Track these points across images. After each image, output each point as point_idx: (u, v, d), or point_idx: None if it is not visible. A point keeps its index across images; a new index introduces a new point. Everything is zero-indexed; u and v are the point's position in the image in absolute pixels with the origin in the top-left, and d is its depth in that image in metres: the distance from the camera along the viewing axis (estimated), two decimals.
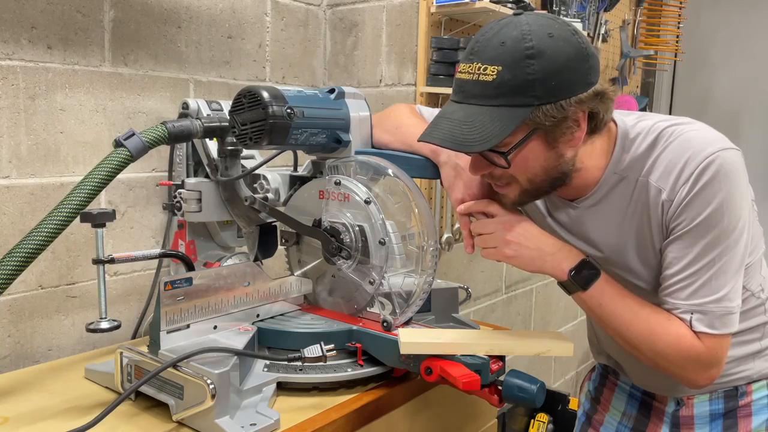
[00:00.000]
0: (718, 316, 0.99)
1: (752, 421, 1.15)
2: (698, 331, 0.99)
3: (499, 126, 0.93)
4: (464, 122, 0.95)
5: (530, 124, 0.95)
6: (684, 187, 0.98)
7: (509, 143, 0.95)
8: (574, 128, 0.97)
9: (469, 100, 0.96)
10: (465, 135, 0.94)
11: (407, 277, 1.15)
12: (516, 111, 0.93)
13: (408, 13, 1.84)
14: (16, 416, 1.01)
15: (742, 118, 3.20)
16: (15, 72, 1.28)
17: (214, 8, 1.64)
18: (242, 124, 1.11)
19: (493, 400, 1.04)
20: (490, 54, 0.93)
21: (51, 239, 1.02)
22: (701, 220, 0.97)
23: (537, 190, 1.04)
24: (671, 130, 1.02)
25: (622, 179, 1.05)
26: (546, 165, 1.00)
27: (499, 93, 0.93)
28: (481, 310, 2.30)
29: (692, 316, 0.99)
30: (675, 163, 0.99)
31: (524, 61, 0.91)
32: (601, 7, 2.52)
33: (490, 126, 0.93)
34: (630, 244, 1.07)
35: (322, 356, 1.04)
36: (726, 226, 0.97)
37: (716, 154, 0.97)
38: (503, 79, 0.92)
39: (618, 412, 1.32)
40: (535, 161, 0.99)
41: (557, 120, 0.94)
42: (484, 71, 0.94)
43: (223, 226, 1.42)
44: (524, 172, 1.00)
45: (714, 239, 0.98)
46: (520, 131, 0.95)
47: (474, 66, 0.95)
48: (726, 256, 0.98)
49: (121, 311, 1.49)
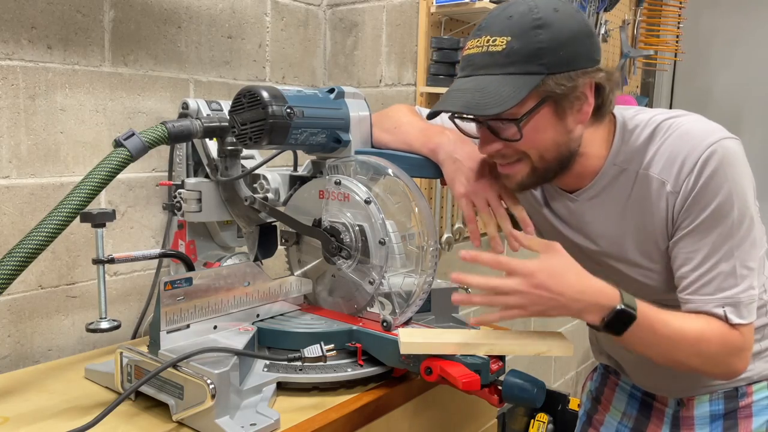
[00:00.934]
0: (746, 305, 0.99)
1: (752, 422, 1.14)
2: (734, 324, 0.98)
3: (512, 91, 0.94)
4: (476, 90, 0.96)
5: (541, 92, 0.96)
6: (689, 178, 0.98)
7: (520, 112, 0.96)
8: (582, 101, 0.99)
9: (478, 71, 0.97)
10: (478, 101, 0.95)
11: (407, 277, 1.15)
12: (527, 78, 0.95)
13: (408, 13, 1.84)
14: (16, 416, 1.01)
15: (742, 118, 3.20)
16: (15, 72, 1.28)
17: (214, 8, 1.64)
18: (242, 124, 1.11)
19: (493, 400, 1.04)
20: (499, 27, 0.96)
21: (51, 239, 1.02)
22: (711, 212, 0.97)
23: (546, 170, 1.02)
24: (669, 122, 1.02)
25: (622, 171, 1.05)
26: (556, 139, 1.00)
27: (509, 62, 0.95)
28: (481, 310, 2.30)
29: (725, 309, 0.99)
30: (676, 154, 1.00)
31: (533, 31, 0.94)
32: (601, 7, 2.52)
33: (502, 91, 0.94)
34: (629, 237, 1.07)
35: (322, 356, 1.04)
36: (737, 215, 0.97)
37: (717, 143, 0.97)
38: (513, 48, 0.94)
39: (618, 412, 1.32)
40: (546, 133, 0.99)
41: (567, 90, 0.96)
42: (494, 42, 0.96)
43: (223, 226, 1.42)
44: (535, 146, 0.99)
45: (727, 229, 0.98)
46: (530, 99, 0.96)
47: (483, 40, 0.97)
48: (743, 244, 0.98)
49: (121, 311, 1.49)
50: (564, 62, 0.95)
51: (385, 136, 1.25)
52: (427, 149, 1.17)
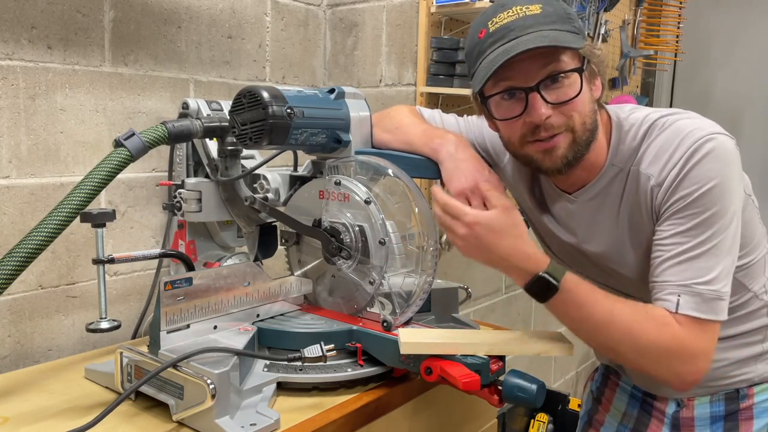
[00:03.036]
0: (707, 300, 0.95)
1: (753, 424, 1.14)
2: (684, 314, 0.94)
3: (572, 37, 0.97)
4: (541, 36, 0.96)
5: (582, 52, 0.99)
6: (674, 169, 0.97)
7: (574, 65, 0.98)
8: (595, 74, 1.03)
9: (525, 31, 0.97)
10: (552, 40, 0.96)
11: (407, 277, 1.15)
12: (573, 34, 0.98)
13: (408, 13, 1.84)
14: (16, 416, 1.01)
15: (742, 118, 3.19)
16: (15, 72, 1.28)
17: (214, 8, 1.64)
18: (242, 124, 1.11)
19: (493, 400, 1.04)
20: (523, 0, 0.99)
21: (51, 239, 1.02)
22: (692, 200, 0.96)
23: (583, 143, 1.02)
24: (663, 120, 1.02)
25: (619, 171, 1.05)
26: (591, 106, 1.02)
27: (551, 20, 0.97)
28: (481, 310, 2.30)
29: (680, 298, 0.95)
30: (665, 149, 0.99)
31: (557, 1, 0.99)
32: (601, 7, 2.52)
33: (566, 37, 0.97)
34: (626, 239, 1.07)
35: (322, 356, 1.04)
36: (719, 209, 0.95)
37: (709, 136, 0.96)
38: (548, 11, 0.98)
39: (619, 413, 1.32)
40: (587, 97, 1.01)
41: (594, 56, 1.00)
42: (528, 9, 0.98)
43: (223, 226, 1.42)
44: (582, 108, 1.00)
45: (706, 219, 0.95)
46: (576, 55, 0.99)
47: (514, 9, 0.99)
48: (717, 238, 0.95)
49: (121, 311, 1.49)
50: (582, 33, 0.99)
51: (386, 136, 1.25)
52: (428, 149, 1.17)
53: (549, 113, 0.99)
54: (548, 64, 0.97)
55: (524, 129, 1.02)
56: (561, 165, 1.03)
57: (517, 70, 0.98)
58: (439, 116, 1.31)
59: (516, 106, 1.01)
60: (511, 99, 1.01)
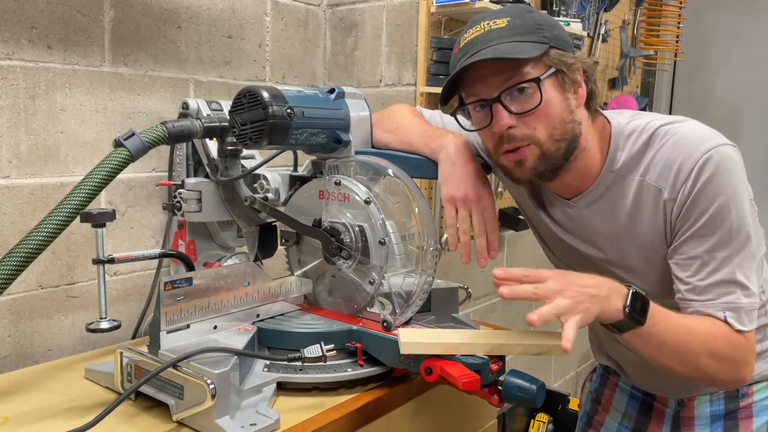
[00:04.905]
0: (747, 312, 0.99)
1: (753, 422, 1.14)
2: (737, 329, 0.98)
3: (530, 47, 0.99)
4: (496, 49, 0.98)
5: (547, 62, 1.00)
6: (686, 184, 0.98)
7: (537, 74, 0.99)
8: (577, 82, 1.02)
9: (487, 44, 0.99)
10: (504, 51, 0.98)
11: (407, 277, 1.15)
12: (536, 44, 0.99)
13: (408, 13, 1.84)
14: (16, 416, 1.01)
15: (742, 118, 3.20)
16: (15, 72, 1.28)
17: (214, 8, 1.64)
18: (242, 124, 1.11)
19: (493, 400, 1.04)
20: (494, 15, 1.02)
21: (51, 239, 1.02)
22: (709, 217, 0.97)
23: (555, 153, 1.01)
24: (665, 129, 1.02)
25: (619, 178, 1.05)
26: (563, 115, 1.01)
27: (514, 33, 0.99)
28: (481, 310, 2.30)
29: (726, 314, 0.98)
30: (673, 161, 1.00)
31: (527, 13, 1.01)
32: (601, 7, 2.52)
33: (522, 47, 0.98)
34: (630, 245, 1.07)
35: (322, 356, 1.03)
36: (735, 221, 0.97)
37: (714, 149, 0.97)
38: (514, 23, 1.00)
39: (619, 413, 1.32)
40: (555, 107, 1.00)
41: (567, 65, 1.00)
42: (494, 23, 1.00)
43: (223, 226, 1.42)
44: (547, 119, 1.00)
45: (726, 234, 0.97)
46: (541, 65, 1.00)
47: (482, 25, 1.01)
48: (744, 249, 0.98)
49: (121, 311, 1.49)
50: (558, 40, 1.00)
51: (386, 136, 1.25)
52: (428, 149, 1.17)
53: (512, 123, 1.00)
54: (509, 77, 0.99)
55: (492, 140, 1.05)
56: (532, 176, 1.04)
57: (481, 84, 1.02)
58: (440, 117, 1.31)
59: (484, 117, 1.04)
60: (482, 110, 1.04)
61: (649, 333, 0.96)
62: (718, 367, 0.99)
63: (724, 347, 0.98)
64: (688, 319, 0.99)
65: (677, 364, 1.00)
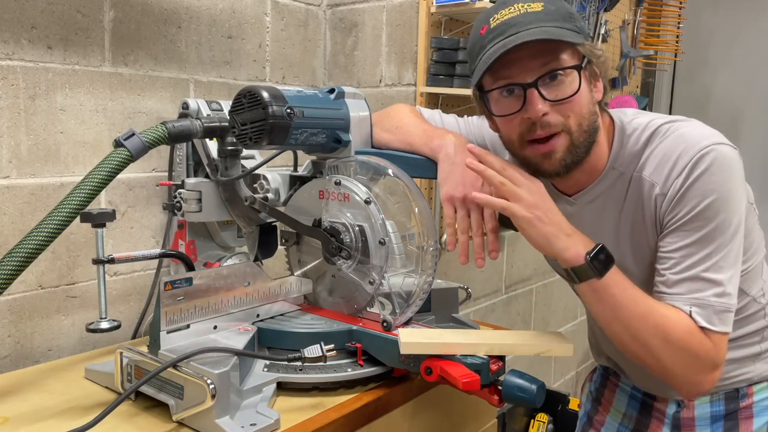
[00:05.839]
0: (717, 312, 0.96)
1: (753, 422, 1.14)
2: (701, 326, 0.95)
3: (571, 34, 0.97)
4: (540, 32, 0.96)
5: (582, 51, 0.99)
6: (678, 179, 0.97)
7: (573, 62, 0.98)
8: (597, 75, 1.02)
9: (525, 27, 0.97)
10: (551, 34, 0.96)
11: (407, 277, 1.15)
12: (573, 32, 0.98)
13: (408, 13, 1.84)
14: (16, 416, 1.01)
15: (742, 118, 3.19)
16: (15, 72, 1.28)
17: (214, 8, 1.64)
18: (242, 124, 1.11)
19: (493, 400, 1.04)
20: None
21: (51, 239, 1.02)
22: (697, 213, 0.96)
23: (580, 145, 1.01)
24: (667, 126, 1.02)
25: (620, 176, 1.05)
26: (590, 107, 1.01)
27: (551, 18, 0.97)
28: (481, 310, 2.30)
29: (692, 309, 0.96)
30: (668, 156, 0.99)
31: (559, 1, 1.00)
32: (601, 7, 2.52)
33: (565, 32, 0.97)
34: (626, 243, 1.07)
35: (322, 356, 1.03)
36: (723, 220, 0.96)
37: (711, 146, 0.97)
38: (549, 9, 0.98)
39: (619, 413, 1.32)
40: (585, 97, 1.00)
41: (596, 56, 1.00)
42: (530, 6, 0.98)
43: (223, 226, 1.42)
44: (579, 108, 0.99)
45: (711, 232, 0.96)
46: (577, 54, 0.99)
47: (516, 6, 0.99)
48: (723, 250, 0.96)
49: (121, 311, 1.49)
50: (585, 32, 1.00)
51: (386, 135, 1.25)
52: (428, 149, 1.17)
53: (546, 110, 0.98)
54: (548, 62, 0.98)
55: (522, 127, 1.02)
56: (560, 168, 1.03)
57: (516, 67, 0.98)
58: (439, 117, 1.31)
59: (514, 103, 1.01)
60: (510, 96, 1.01)
61: (605, 289, 0.96)
62: (672, 355, 0.96)
63: (682, 336, 0.95)
64: (652, 300, 0.98)
65: (630, 339, 0.98)
